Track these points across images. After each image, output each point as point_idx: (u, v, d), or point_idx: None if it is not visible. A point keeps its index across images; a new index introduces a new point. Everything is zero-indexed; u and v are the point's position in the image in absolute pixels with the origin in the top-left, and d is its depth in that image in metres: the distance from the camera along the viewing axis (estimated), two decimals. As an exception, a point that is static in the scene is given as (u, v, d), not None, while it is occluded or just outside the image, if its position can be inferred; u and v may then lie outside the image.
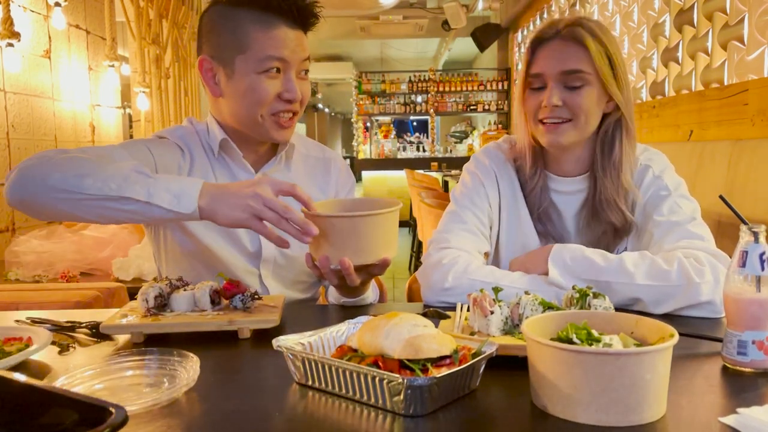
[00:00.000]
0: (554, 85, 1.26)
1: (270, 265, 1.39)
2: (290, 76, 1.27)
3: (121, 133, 4.88)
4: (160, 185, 1.05)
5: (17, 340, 0.98)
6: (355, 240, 1.09)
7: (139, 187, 1.04)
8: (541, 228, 1.37)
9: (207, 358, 0.88)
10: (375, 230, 1.09)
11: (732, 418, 0.69)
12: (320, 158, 1.50)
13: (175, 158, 1.33)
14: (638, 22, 3.98)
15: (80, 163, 1.07)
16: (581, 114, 1.26)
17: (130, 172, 1.06)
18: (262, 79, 1.24)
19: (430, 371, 0.74)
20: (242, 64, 1.24)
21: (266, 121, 1.28)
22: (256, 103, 1.25)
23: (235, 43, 1.24)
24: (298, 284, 1.45)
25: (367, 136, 10.85)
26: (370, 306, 1.30)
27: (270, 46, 1.23)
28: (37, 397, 0.55)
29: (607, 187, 1.30)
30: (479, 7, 7.76)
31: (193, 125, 1.40)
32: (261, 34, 1.23)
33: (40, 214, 1.10)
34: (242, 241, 1.36)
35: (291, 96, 1.27)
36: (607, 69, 1.24)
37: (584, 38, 1.23)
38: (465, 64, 13.46)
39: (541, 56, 1.28)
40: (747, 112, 2.67)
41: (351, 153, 11.92)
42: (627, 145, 1.30)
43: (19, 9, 3.44)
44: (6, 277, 2.73)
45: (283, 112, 1.28)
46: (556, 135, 1.27)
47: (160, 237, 1.39)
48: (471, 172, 1.43)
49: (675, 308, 1.12)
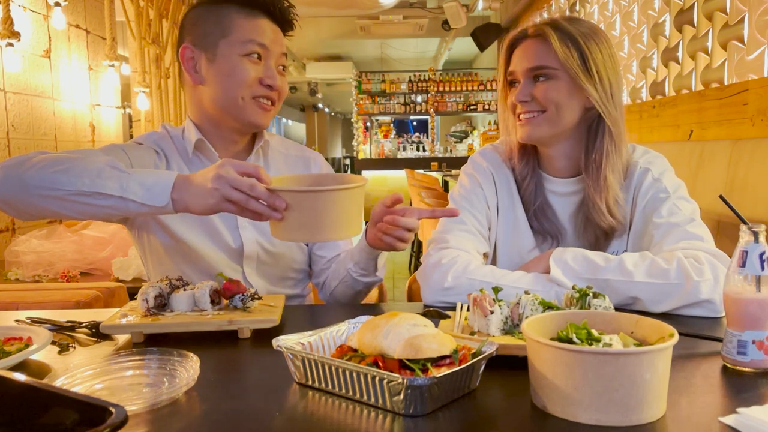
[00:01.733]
0: (524, 81, 1.31)
1: (253, 263, 1.40)
2: (270, 65, 1.32)
3: (121, 132, 4.88)
4: (133, 179, 1.05)
5: (17, 340, 0.98)
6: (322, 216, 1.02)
7: (112, 182, 1.04)
8: (537, 225, 1.37)
9: (207, 358, 0.88)
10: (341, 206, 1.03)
11: (732, 418, 0.69)
12: (300, 157, 1.53)
13: (151, 160, 1.36)
14: (638, 22, 3.98)
15: (56, 160, 1.07)
16: (551, 105, 1.28)
17: (104, 166, 1.07)
18: (244, 62, 1.29)
19: (430, 371, 0.74)
20: (225, 47, 1.29)
21: (247, 104, 1.31)
22: (238, 83, 1.29)
23: (219, 29, 1.30)
24: (283, 281, 1.45)
25: (367, 136, 10.85)
26: (370, 306, 1.30)
27: (253, 31, 1.30)
28: (37, 397, 0.55)
29: (590, 186, 1.30)
30: (479, 7, 7.76)
31: (167, 130, 1.43)
32: (245, 21, 1.31)
33: (23, 213, 1.10)
34: (223, 237, 1.37)
35: (271, 81, 1.31)
36: (576, 64, 1.26)
37: (549, 36, 1.27)
38: (465, 64, 13.46)
39: (514, 57, 1.34)
40: (747, 112, 2.67)
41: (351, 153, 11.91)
42: (609, 144, 1.30)
43: (19, 9, 3.44)
44: (6, 277, 2.73)
45: (262, 98, 1.32)
46: (530, 127, 1.30)
47: (144, 239, 1.41)
48: (468, 173, 1.43)
49: (674, 307, 1.12)
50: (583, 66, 1.26)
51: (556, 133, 1.31)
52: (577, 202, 1.36)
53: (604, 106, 1.28)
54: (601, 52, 1.28)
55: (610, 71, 1.28)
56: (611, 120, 1.29)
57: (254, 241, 1.38)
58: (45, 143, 3.76)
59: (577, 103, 1.29)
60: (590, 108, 1.30)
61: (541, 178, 1.38)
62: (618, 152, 1.31)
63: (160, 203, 1.04)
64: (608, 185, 1.29)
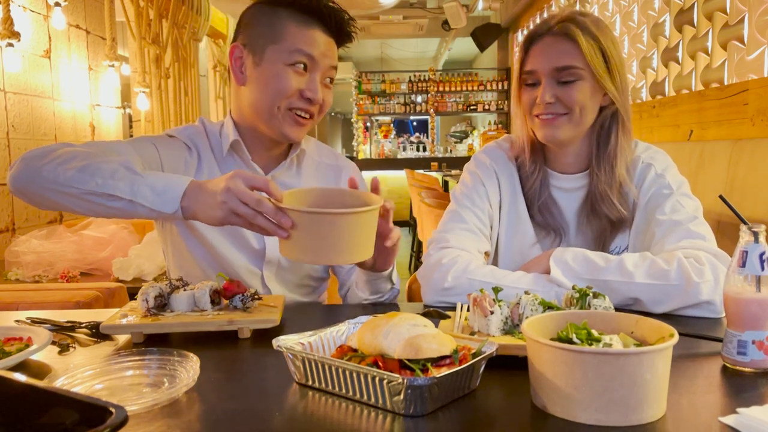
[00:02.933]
0: (547, 81, 1.27)
1: (273, 267, 1.38)
2: (315, 77, 1.28)
3: (121, 133, 4.88)
4: (145, 183, 1.04)
5: (17, 340, 0.98)
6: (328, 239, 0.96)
7: (124, 184, 1.04)
8: (541, 220, 1.36)
9: (207, 358, 0.88)
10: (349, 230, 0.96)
11: (732, 418, 0.69)
12: (332, 165, 1.49)
13: (182, 156, 1.34)
14: (638, 22, 3.98)
15: (75, 156, 1.07)
16: (575, 108, 1.26)
17: (119, 167, 1.06)
18: (288, 71, 1.26)
19: (430, 371, 0.74)
20: (272, 54, 1.26)
21: (282, 114, 1.28)
22: (278, 92, 1.26)
23: (270, 34, 1.27)
24: (301, 288, 1.44)
25: (367, 136, 10.85)
26: (370, 306, 1.30)
27: (303, 41, 1.26)
28: (37, 397, 0.55)
29: (602, 180, 1.31)
30: (479, 7, 7.76)
31: (203, 125, 1.41)
32: (296, 30, 1.26)
33: (39, 204, 1.11)
34: (247, 239, 1.36)
35: (312, 95, 1.27)
36: (600, 63, 1.25)
37: (575, 34, 1.24)
38: (465, 64, 13.46)
39: (534, 53, 1.29)
40: (747, 112, 2.67)
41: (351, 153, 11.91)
42: (623, 139, 1.31)
43: (19, 9, 3.44)
44: (6, 277, 2.74)
45: (300, 110, 1.29)
46: (552, 129, 1.28)
47: (167, 231, 1.39)
48: (471, 171, 1.43)
49: (674, 308, 1.12)
50: (605, 64, 1.26)
51: (577, 133, 1.30)
52: (581, 198, 1.36)
53: (621, 102, 1.29)
54: (614, 45, 1.28)
55: (621, 65, 1.28)
56: (627, 115, 1.30)
57: (277, 248, 1.36)
58: (45, 143, 3.74)
59: (597, 102, 1.29)
60: (605, 105, 1.30)
61: (547, 175, 1.38)
62: (628, 144, 1.32)
63: (170, 210, 1.04)
64: (621, 178, 1.30)
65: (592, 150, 1.33)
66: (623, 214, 1.30)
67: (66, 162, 1.06)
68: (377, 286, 1.30)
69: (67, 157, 1.07)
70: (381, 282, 1.30)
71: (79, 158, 1.07)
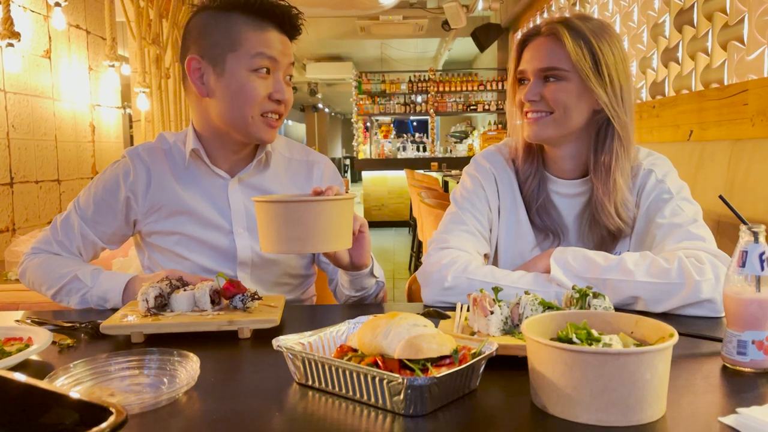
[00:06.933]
0: (534, 80, 1.29)
1: (247, 268, 1.39)
2: (279, 77, 1.30)
3: (121, 133, 4.89)
4: (92, 292, 1.31)
5: (17, 340, 0.98)
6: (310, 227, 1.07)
7: (75, 298, 1.33)
8: (540, 223, 1.36)
9: (207, 358, 0.88)
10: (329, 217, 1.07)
11: (732, 418, 0.69)
12: (303, 161, 1.49)
13: (114, 196, 1.40)
14: (638, 22, 3.98)
15: (39, 274, 1.39)
16: (559, 107, 1.27)
17: (71, 281, 1.33)
18: (252, 78, 1.27)
19: (430, 371, 0.74)
20: (234, 62, 1.27)
21: (256, 121, 1.30)
22: (247, 102, 1.28)
23: (227, 42, 1.27)
24: (279, 286, 1.44)
25: (367, 136, 10.85)
26: (370, 305, 1.30)
27: (262, 44, 1.27)
28: (37, 397, 0.55)
29: (599, 188, 1.30)
30: (479, 7, 7.75)
31: (163, 141, 1.43)
32: (253, 34, 1.27)
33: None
34: (218, 243, 1.38)
35: (281, 96, 1.30)
36: (587, 66, 1.24)
37: (562, 36, 1.25)
38: (465, 64, 13.46)
39: (525, 54, 1.32)
40: (747, 112, 2.67)
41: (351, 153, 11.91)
42: (618, 148, 1.29)
43: (19, 9, 3.44)
44: (6, 277, 2.73)
45: (271, 113, 1.31)
46: (537, 127, 1.29)
47: (141, 249, 1.46)
48: (471, 174, 1.43)
49: (675, 306, 1.12)
50: (594, 68, 1.25)
51: (562, 134, 1.30)
52: (582, 204, 1.36)
53: (613, 109, 1.27)
54: (613, 53, 1.26)
55: (620, 73, 1.27)
56: (620, 124, 1.28)
57: (248, 247, 1.38)
58: (45, 143, 3.76)
59: (586, 105, 1.28)
60: (599, 110, 1.29)
61: (545, 179, 1.38)
62: (627, 155, 1.30)
63: (115, 307, 1.28)
64: (617, 188, 1.28)
65: (590, 156, 1.33)
66: (620, 224, 1.30)
67: (36, 281, 1.40)
68: (360, 284, 1.32)
69: (35, 275, 1.40)
70: (363, 279, 1.32)
71: (40, 276, 1.38)
